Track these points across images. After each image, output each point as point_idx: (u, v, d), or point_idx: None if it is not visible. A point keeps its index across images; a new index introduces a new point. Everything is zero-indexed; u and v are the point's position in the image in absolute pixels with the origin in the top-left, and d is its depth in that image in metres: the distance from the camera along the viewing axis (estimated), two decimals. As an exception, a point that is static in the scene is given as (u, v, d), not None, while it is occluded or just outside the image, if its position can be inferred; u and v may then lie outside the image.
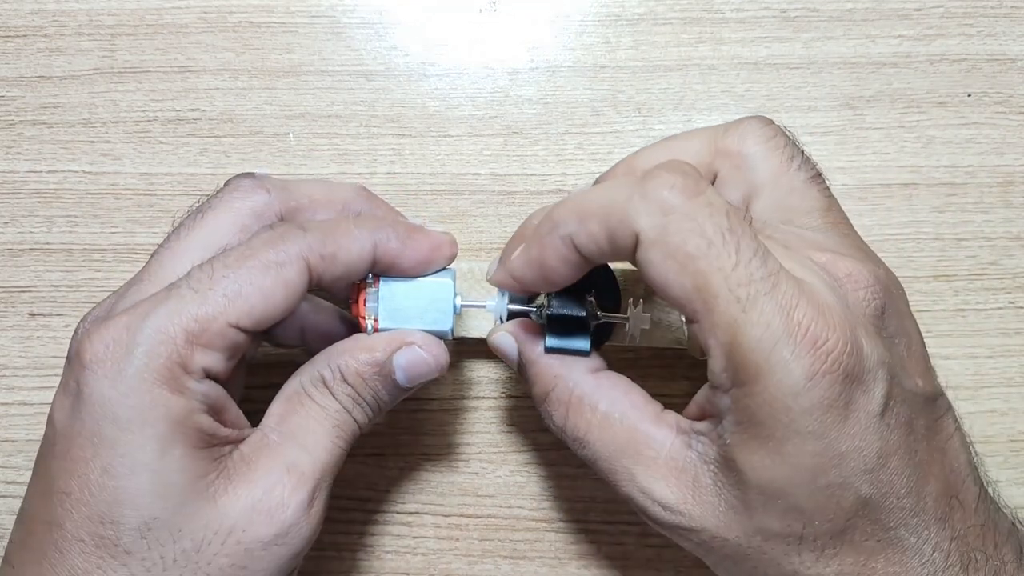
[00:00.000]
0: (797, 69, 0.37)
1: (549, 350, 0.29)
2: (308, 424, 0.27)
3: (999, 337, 0.36)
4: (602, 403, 0.27)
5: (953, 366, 0.36)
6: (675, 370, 0.36)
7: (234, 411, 0.27)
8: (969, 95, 0.37)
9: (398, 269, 0.28)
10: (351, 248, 0.27)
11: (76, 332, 0.27)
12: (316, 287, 0.27)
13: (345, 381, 0.27)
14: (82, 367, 0.24)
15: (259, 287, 0.25)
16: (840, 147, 0.37)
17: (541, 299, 0.30)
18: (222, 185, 0.29)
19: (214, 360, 0.25)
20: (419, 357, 0.28)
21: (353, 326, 0.30)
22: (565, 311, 0.28)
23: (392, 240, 0.28)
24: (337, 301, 0.32)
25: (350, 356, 0.27)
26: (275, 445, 0.26)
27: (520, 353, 0.29)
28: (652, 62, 0.37)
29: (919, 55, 0.37)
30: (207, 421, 0.25)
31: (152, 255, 0.28)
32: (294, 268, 0.26)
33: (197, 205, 0.28)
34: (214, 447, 0.26)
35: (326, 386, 0.27)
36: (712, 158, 0.28)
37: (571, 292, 0.28)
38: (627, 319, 0.30)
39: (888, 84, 0.37)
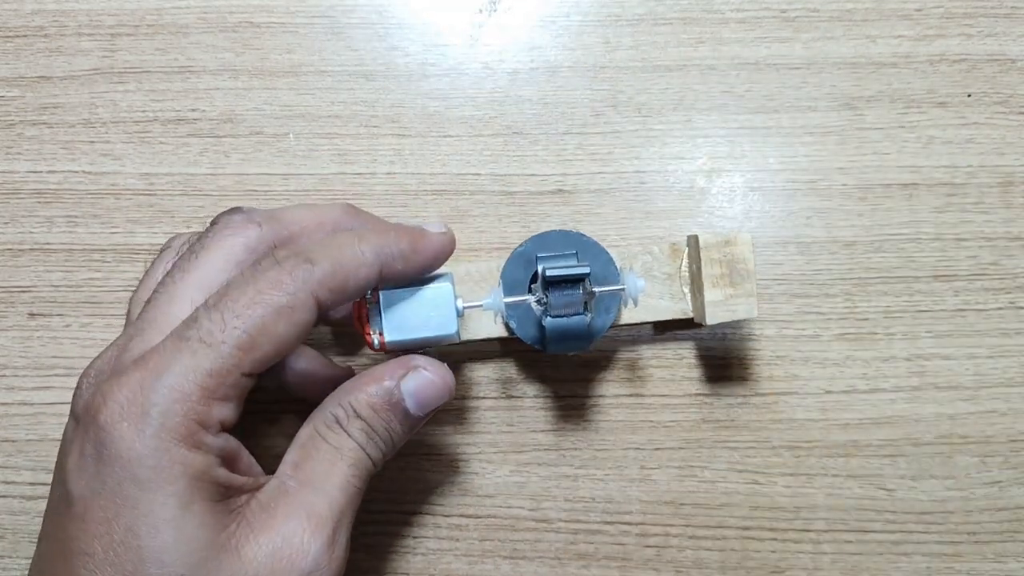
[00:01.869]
0: (797, 69, 0.37)
1: (551, 330, 0.30)
2: (323, 468, 0.27)
3: (999, 337, 0.36)
4: None
5: (953, 366, 0.36)
6: (676, 371, 0.36)
7: (247, 458, 0.27)
8: (969, 95, 0.37)
9: (403, 279, 0.28)
10: (359, 274, 0.27)
11: (79, 387, 0.26)
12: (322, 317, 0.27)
13: (359, 416, 0.27)
14: (99, 428, 0.24)
15: (272, 335, 0.25)
16: (840, 147, 0.37)
17: (537, 291, 0.30)
18: (209, 223, 0.29)
19: (229, 411, 0.25)
20: (426, 379, 0.28)
21: (330, 363, 0.31)
22: (564, 295, 0.29)
23: (397, 261, 0.27)
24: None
25: (359, 391, 0.27)
26: (293, 491, 0.26)
27: None
28: (652, 62, 0.37)
29: (919, 55, 0.37)
30: (223, 474, 0.25)
31: (148, 301, 0.27)
32: (305, 308, 0.26)
33: (188, 245, 0.28)
34: (231, 498, 0.25)
35: (340, 425, 0.27)
36: None
37: (566, 275, 0.29)
38: (622, 288, 0.30)
39: (888, 84, 0.37)
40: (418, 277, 0.29)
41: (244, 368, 0.25)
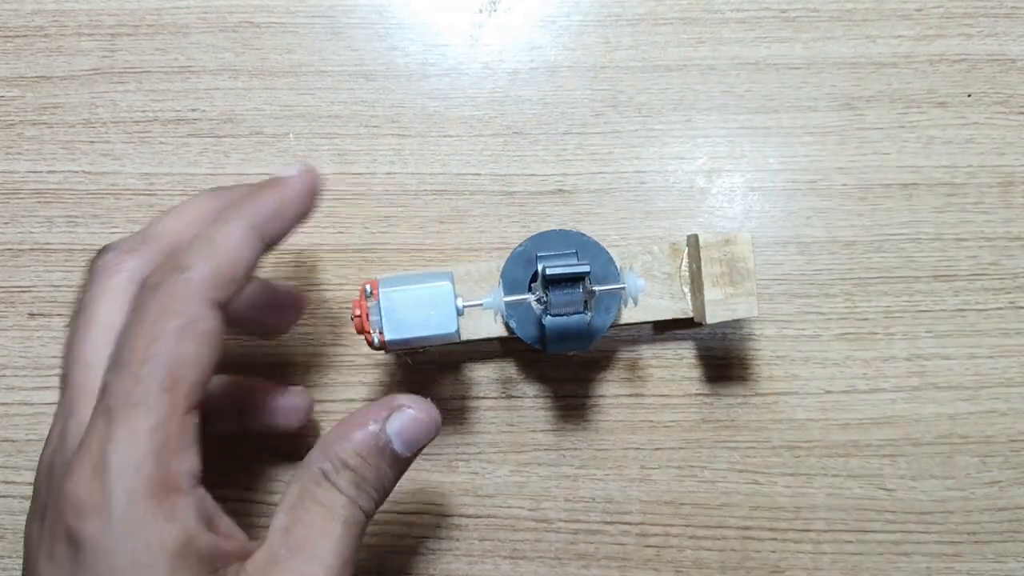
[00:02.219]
0: (797, 69, 0.37)
1: (551, 329, 0.30)
2: (315, 531, 0.25)
3: (999, 337, 0.36)
4: None
5: (953, 366, 0.36)
6: (676, 371, 0.36)
7: (226, 521, 0.25)
8: (969, 95, 0.37)
9: (287, 234, 0.27)
10: (242, 256, 0.25)
11: (37, 484, 0.25)
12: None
13: (347, 467, 0.26)
14: (67, 528, 0.22)
15: (188, 360, 0.23)
16: (840, 147, 0.37)
17: (537, 290, 0.30)
18: (86, 270, 0.27)
19: (191, 459, 0.24)
20: (411, 417, 0.26)
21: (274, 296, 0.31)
22: (564, 294, 0.29)
23: (274, 221, 0.26)
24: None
25: (344, 440, 0.26)
26: (284, 560, 0.24)
27: None
28: (652, 62, 0.37)
29: (919, 55, 0.37)
30: (207, 541, 0.23)
31: (64, 373, 0.26)
32: (206, 316, 0.24)
33: (75, 303, 0.27)
34: (218, 569, 0.24)
35: (328, 480, 0.25)
36: None
37: (566, 273, 0.29)
38: (623, 288, 0.30)
39: (888, 84, 0.37)
40: (300, 224, 0.27)
41: (180, 407, 0.23)
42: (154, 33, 0.37)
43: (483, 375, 0.36)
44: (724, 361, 0.36)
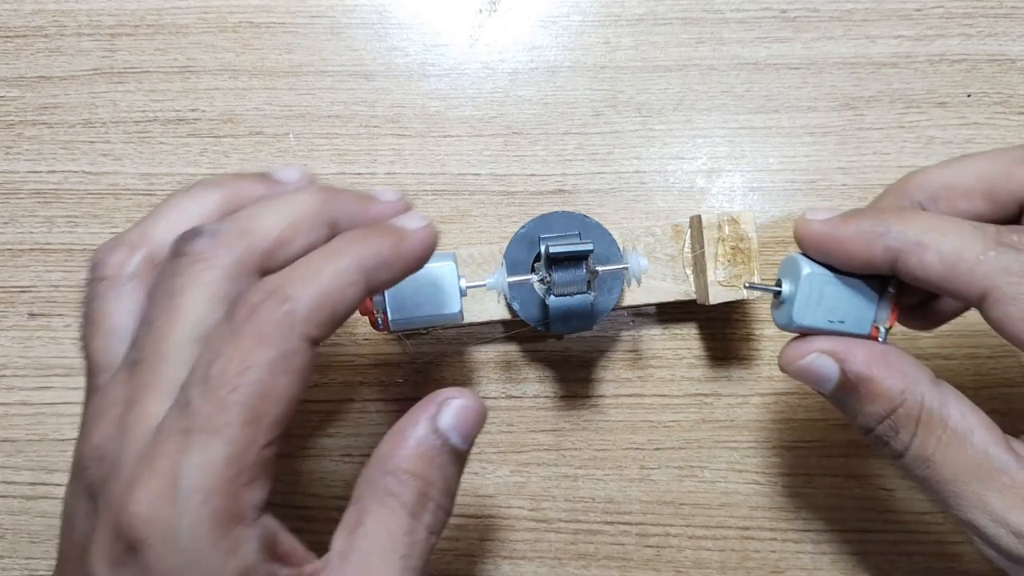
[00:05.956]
0: (797, 69, 0.37)
1: (554, 308, 0.30)
2: (375, 558, 0.24)
3: (999, 337, 0.36)
4: (952, 418, 0.26)
5: (953, 366, 0.36)
6: (676, 371, 0.36)
7: (287, 540, 0.24)
8: (969, 95, 0.37)
9: (385, 288, 0.26)
10: (346, 297, 0.24)
11: (83, 468, 0.23)
12: None
13: (413, 475, 0.24)
14: (127, 542, 0.22)
15: (277, 395, 0.22)
16: (840, 147, 0.37)
17: (541, 271, 0.30)
18: (170, 252, 0.24)
19: (259, 490, 0.22)
20: (461, 407, 0.25)
21: None
22: (567, 273, 0.29)
23: (381, 271, 0.24)
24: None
25: (401, 449, 0.24)
26: None
27: (846, 372, 0.26)
28: (652, 62, 0.37)
29: (919, 55, 0.37)
30: (265, 572, 0.22)
31: (135, 360, 0.24)
32: (299, 353, 0.23)
33: (159, 282, 0.24)
34: None
35: (393, 497, 0.24)
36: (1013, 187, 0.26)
37: (569, 251, 0.29)
38: (626, 267, 0.30)
39: (888, 84, 0.37)
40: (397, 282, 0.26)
41: (260, 441, 0.22)
42: (154, 33, 0.37)
43: (483, 375, 0.36)
44: (724, 361, 0.36)
